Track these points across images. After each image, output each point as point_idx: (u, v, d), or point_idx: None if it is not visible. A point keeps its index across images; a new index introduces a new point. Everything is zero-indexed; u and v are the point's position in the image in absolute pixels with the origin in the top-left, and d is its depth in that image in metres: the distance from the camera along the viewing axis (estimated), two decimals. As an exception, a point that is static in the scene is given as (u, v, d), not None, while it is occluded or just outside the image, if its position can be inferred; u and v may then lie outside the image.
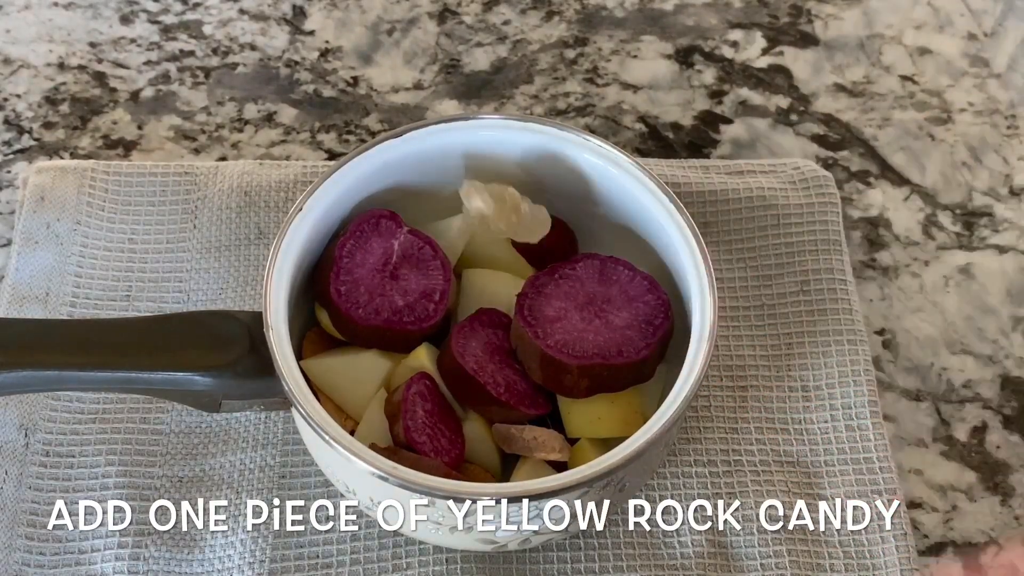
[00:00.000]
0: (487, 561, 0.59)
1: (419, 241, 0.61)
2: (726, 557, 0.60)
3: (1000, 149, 0.78)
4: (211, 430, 0.63)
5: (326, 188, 0.59)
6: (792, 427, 0.64)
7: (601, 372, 0.57)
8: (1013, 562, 0.62)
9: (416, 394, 0.57)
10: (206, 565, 0.59)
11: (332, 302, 0.59)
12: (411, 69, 0.81)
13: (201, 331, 0.56)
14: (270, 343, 0.54)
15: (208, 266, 0.68)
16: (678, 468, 0.63)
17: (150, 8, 0.83)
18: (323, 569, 0.59)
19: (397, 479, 0.51)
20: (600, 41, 0.82)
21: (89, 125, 0.77)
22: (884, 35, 0.84)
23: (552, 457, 0.57)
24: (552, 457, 0.57)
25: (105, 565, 0.59)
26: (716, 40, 0.83)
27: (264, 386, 0.56)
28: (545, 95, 0.79)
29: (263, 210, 0.70)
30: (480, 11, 0.84)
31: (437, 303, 0.60)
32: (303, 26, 0.83)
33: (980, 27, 0.84)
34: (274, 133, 0.77)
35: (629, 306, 0.59)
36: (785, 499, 0.62)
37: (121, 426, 0.63)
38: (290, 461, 0.62)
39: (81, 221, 0.69)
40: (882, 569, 0.60)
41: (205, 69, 0.80)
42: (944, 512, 0.64)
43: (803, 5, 0.85)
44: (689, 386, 0.54)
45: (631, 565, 0.60)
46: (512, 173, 0.63)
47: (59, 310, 0.66)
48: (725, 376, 0.65)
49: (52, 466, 0.62)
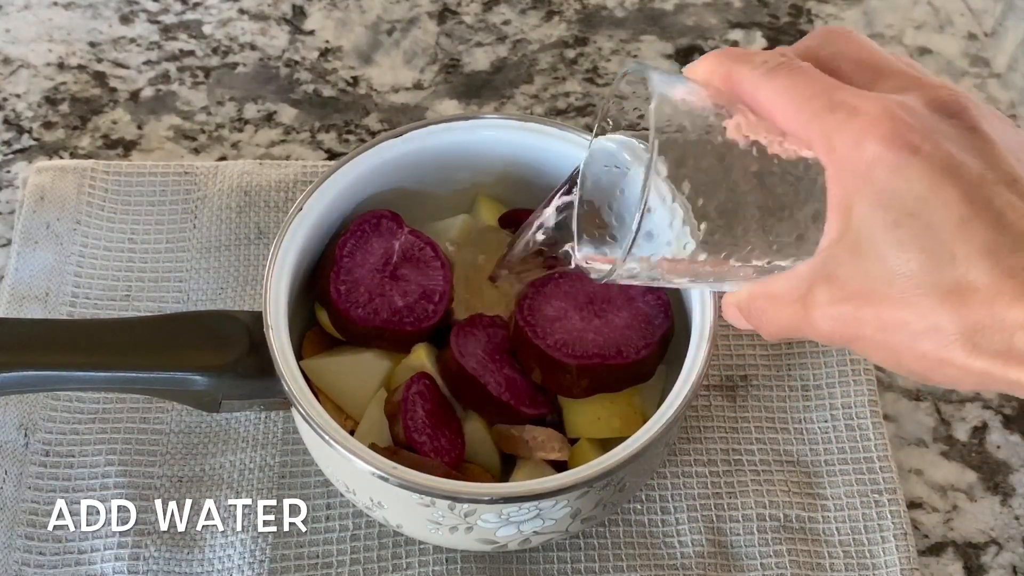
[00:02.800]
0: (487, 561, 0.59)
1: (420, 242, 0.61)
2: (726, 557, 0.60)
3: (1000, 149, 0.78)
4: (211, 430, 0.63)
5: (326, 188, 0.59)
6: (792, 427, 0.64)
7: (601, 372, 0.57)
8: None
9: (416, 394, 0.57)
10: (206, 565, 0.59)
11: (332, 302, 0.59)
12: (411, 69, 0.81)
13: (201, 331, 0.56)
14: (270, 343, 0.54)
15: (208, 266, 0.68)
16: (678, 468, 0.63)
17: (150, 8, 0.83)
18: (323, 569, 0.59)
19: (397, 479, 0.51)
20: (600, 41, 0.82)
21: (89, 125, 0.77)
22: (884, 35, 0.83)
23: (552, 457, 0.57)
24: (552, 457, 0.57)
25: (105, 565, 0.59)
26: (716, 40, 0.83)
27: (264, 386, 0.56)
28: (545, 95, 0.79)
29: (263, 210, 0.70)
30: (480, 11, 0.84)
31: (437, 304, 0.60)
32: (303, 26, 0.83)
33: (980, 27, 0.84)
34: (274, 133, 0.77)
35: (629, 306, 0.59)
36: (785, 499, 0.62)
37: (121, 426, 0.63)
38: (290, 461, 0.62)
39: (81, 221, 0.69)
40: (882, 569, 0.60)
41: (205, 69, 0.80)
42: (944, 512, 0.64)
43: (803, 5, 0.85)
44: (689, 386, 0.54)
45: (631, 565, 0.60)
46: (512, 173, 0.63)
47: (59, 310, 0.66)
48: (725, 376, 0.65)
49: (52, 466, 0.62)
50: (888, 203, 0.40)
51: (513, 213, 0.64)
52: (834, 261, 0.42)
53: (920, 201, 0.39)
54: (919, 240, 0.39)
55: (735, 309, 0.47)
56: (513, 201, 0.65)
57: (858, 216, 0.40)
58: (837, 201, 0.41)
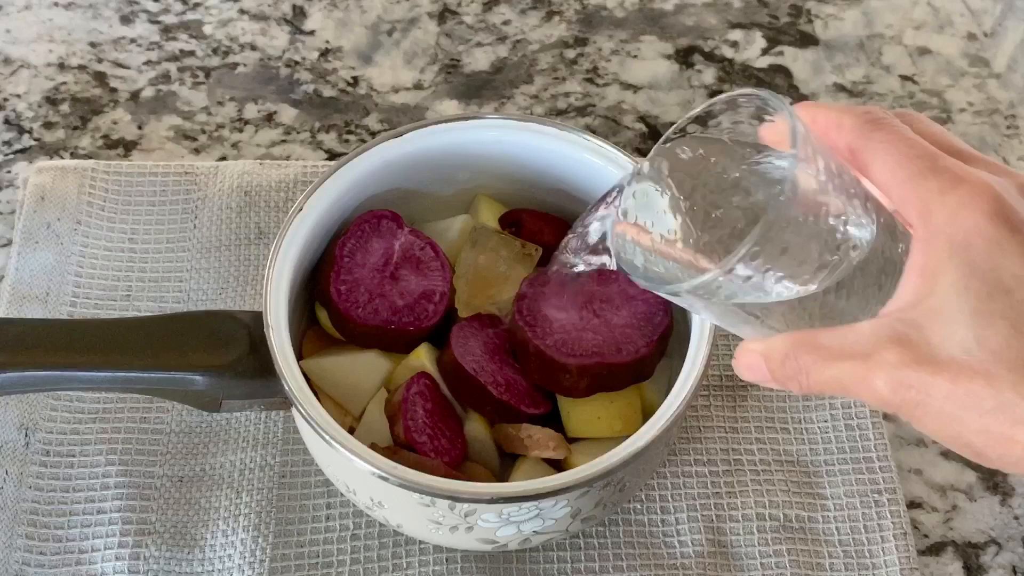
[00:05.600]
0: (487, 561, 0.59)
1: (420, 242, 0.61)
2: (726, 557, 0.60)
3: (1000, 149, 0.78)
4: (211, 429, 0.63)
5: (326, 188, 0.59)
6: (792, 427, 0.64)
7: (600, 371, 0.57)
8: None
9: (416, 394, 0.57)
10: (206, 565, 0.59)
11: (332, 301, 0.59)
12: (411, 69, 0.81)
13: (201, 331, 0.56)
14: (270, 343, 0.54)
15: (208, 266, 0.68)
16: (678, 468, 0.63)
17: (150, 8, 0.83)
18: (323, 568, 0.59)
19: (397, 479, 0.51)
20: (600, 41, 0.83)
21: (89, 125, 0.77)
22: (884, 35, 0.84)
23: (547, 455, 0.57)
24: (547, 455, 0.57)
25: (105, 565, 0.59)
26: (716, 40, 0.83)
27: (264, 386, 0.56)
28: (545, 95, 0.79)
29: (263, 210, 0.70)
30: (480, 11, 0.84)
31: (437, 304, 0.60)
32: (303, 26, 0.83)
33: (980, 27, 0.84)
34: (274, 133, 0.77)
35: (628, 305, 0.59)
36: (785, 499, 0.62)
37: (121, 425, 0.63)
38: (290, 461, 0.62)
39: (81, 221, 0.69)
40: (882, 569, 0.60)
41: (205, 69, 0.80)
42: (944, 512, 0.64)
43: (803, 5, 0.85)
44: (689, 386, 0.54)
45: (631, 565, 0.60)
46: (512, 173, 0.63)
47: (59, 310, 0.66)
48: (725, 376, 0.65)
49: (52, 466, 0.62)
50: (983, 275, 0.40)
51: (513, 213, 0.64)
52: (911, 324, 0.41)
53: (1016, 279, 0.39)
54: (1009, 316, 0.39)
55: (759, 358, 0.44)
56: (513, 201, 0.65)
57: (946, 283, 0.40)
58: (921, 265, 0.41)
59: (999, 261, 0.40)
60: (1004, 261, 0.40)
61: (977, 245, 0.40)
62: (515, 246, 0.62)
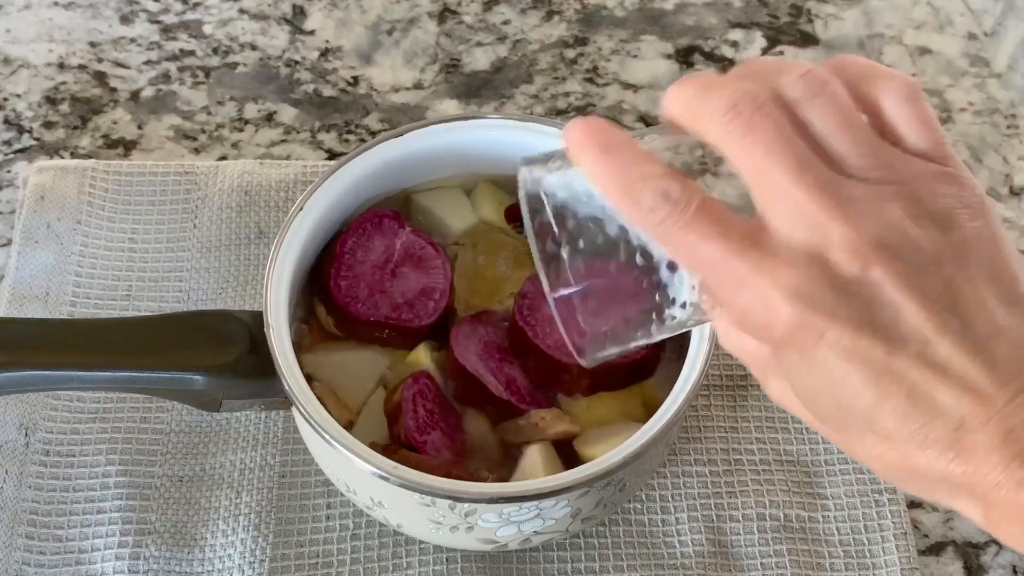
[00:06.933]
0: (487, 561, 0.59)
1: (421, 240, 0.61)
2: (726, 557, 0.60)
3: (1000, 149, 0.78)
4: (211, 429, 0.63)
5: (326, 188, 0.59)
6: (792, 426, 0.64)
7: (601, 371, 0.57)
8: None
9: (416, 393, 0.57)
10: (206, 565, 0.59)
11: (332, 297, 0.59)
12: (411, 69, 0.81)
13: (201, 331, 0.56)
14: (270, 343, 0.54)
15: (208, 265, 0.68)
16: (678, 468, 0.63)
17: (150, 8, 0.83)
18: (323, 568, 0.59)
19: (397, 479, 0.51)
20: (600, 41, 0.82)
21: (89, 125, 0.77)
22: (884, 35, 0.83)
23: (563, 428, 0.57)
24: (563, 428, 0.57)
25: (105, 565, 0.59)
26: (716, 40, 0.83)
27: (264, 386, 0.56)
28: (545, 95, 0.79)
29: (263, 210, 0.70)
30: (480, 11, 0.84)
31: (437, 301, 0.60)
32: (303, 26, 0.83)
33: (980, 27, 0.84)
34: (274, 133, 0.77)
35: (629, 305, 0.59)
36: (785, 498, 0.62)
37: (121, 425, 0.63)
38: (290, 460, 0.62)
39: (81, 221, 0.69)
40: (882, 569, 0.60)
41: (205, 69, 0.80)
42: (944, 512, 0.64)
43: (803, 5, 0.85)
44: (689, 386, 0.54)
45: (631, 565, 0.60)
46: (512, 173, 0.63)
47: (59, 310, 0.66)
48: (725, 376, 0.65)
49: (52, 466, 0.62)
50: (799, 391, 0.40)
51: (518, 207, 0.64)
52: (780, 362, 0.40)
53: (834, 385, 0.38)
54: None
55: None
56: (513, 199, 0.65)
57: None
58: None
59: (806, 380, 0.39)
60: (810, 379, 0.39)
61: (788, 357, 0.39)
62: (515, 245, 0.62)
